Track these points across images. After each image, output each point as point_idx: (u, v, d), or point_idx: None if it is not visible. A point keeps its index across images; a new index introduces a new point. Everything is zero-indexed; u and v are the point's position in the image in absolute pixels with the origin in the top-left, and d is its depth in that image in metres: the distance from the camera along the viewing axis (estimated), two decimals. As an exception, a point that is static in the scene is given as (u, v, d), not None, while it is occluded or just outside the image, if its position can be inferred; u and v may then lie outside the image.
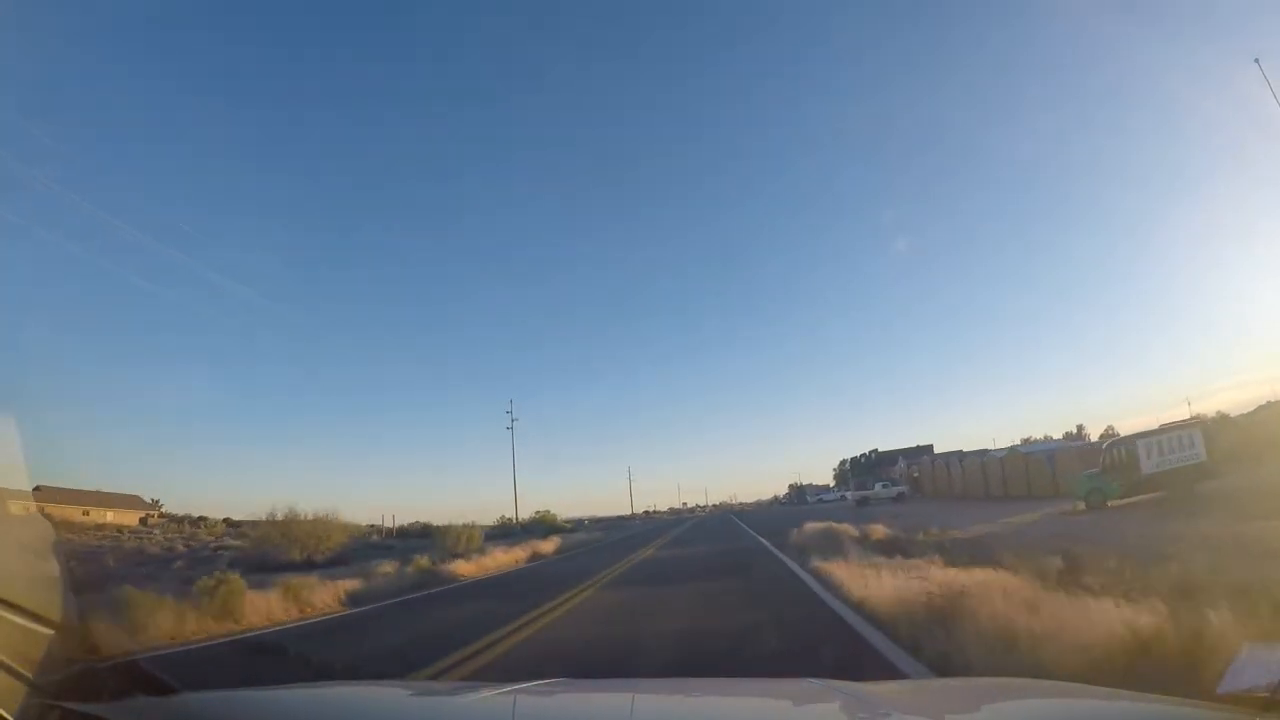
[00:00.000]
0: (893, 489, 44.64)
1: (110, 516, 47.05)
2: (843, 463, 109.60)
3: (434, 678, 4.68)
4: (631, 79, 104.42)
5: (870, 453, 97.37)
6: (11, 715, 1.22)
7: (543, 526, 39.23)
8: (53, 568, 1.72)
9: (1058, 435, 57.89)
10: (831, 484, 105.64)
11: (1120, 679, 2.94)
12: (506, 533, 40.22)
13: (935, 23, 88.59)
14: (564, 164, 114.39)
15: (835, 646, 4.94)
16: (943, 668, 3.96)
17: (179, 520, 47.20)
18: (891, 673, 3.98)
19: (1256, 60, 15.20)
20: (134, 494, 52.88)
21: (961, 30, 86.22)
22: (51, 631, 1.46)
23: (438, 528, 20.79)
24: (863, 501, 43.23)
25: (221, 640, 7.72)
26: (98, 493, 46.65)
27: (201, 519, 47.25)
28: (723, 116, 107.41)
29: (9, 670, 1.28)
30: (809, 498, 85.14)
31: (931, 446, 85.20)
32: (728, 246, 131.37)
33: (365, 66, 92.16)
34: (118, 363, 75.54)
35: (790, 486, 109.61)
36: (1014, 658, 3.63)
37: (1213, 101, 48.21)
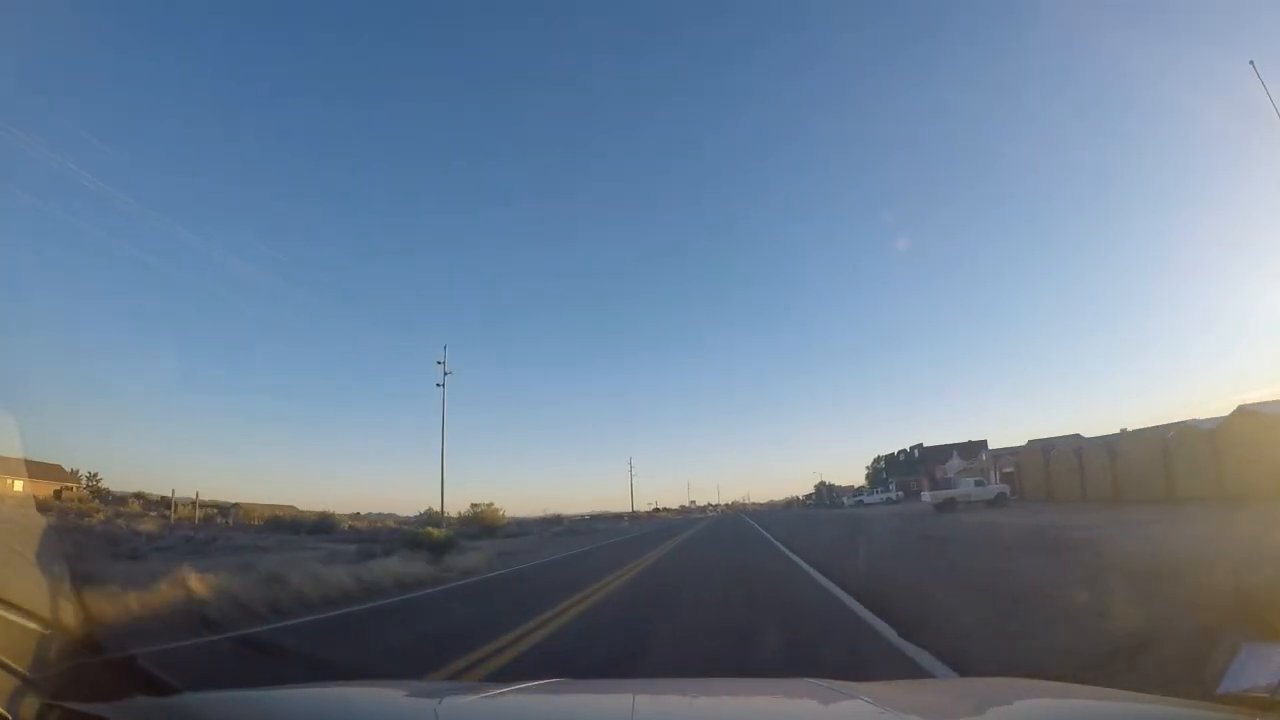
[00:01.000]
0: (989, 489, 30.95)
1: (19, 487, 41.52)
2: (876, 460, 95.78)
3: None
4: (659, 76, 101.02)
5: (913, 449, 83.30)
6: (10, 714, 1.17)
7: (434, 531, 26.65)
8: (51, 563, 1.61)
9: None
10: (860, 483, 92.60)
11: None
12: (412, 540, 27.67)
13: (935, 28, 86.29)
14: (584, 158, 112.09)
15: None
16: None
17: (101, 495, 41.93)
18: None
19: (1251, 62, 13.39)
20: (55, 464, 44.73)
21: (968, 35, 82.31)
22: (50, 629, 1.41)
23: None
24: (946, 505, 29.75)
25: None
26: (9, 460, 39.52)
27: (139, 495, 42.40)
28: (754, 108, 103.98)
29: (7, 669, 1.24)
30: (845, 500, 70.96)
31: (985, 442, 73.87)
32: (747, 241, 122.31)
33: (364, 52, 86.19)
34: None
35: (819, 485, 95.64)
36: None
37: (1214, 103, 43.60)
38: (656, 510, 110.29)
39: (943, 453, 73.17)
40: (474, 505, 33.88)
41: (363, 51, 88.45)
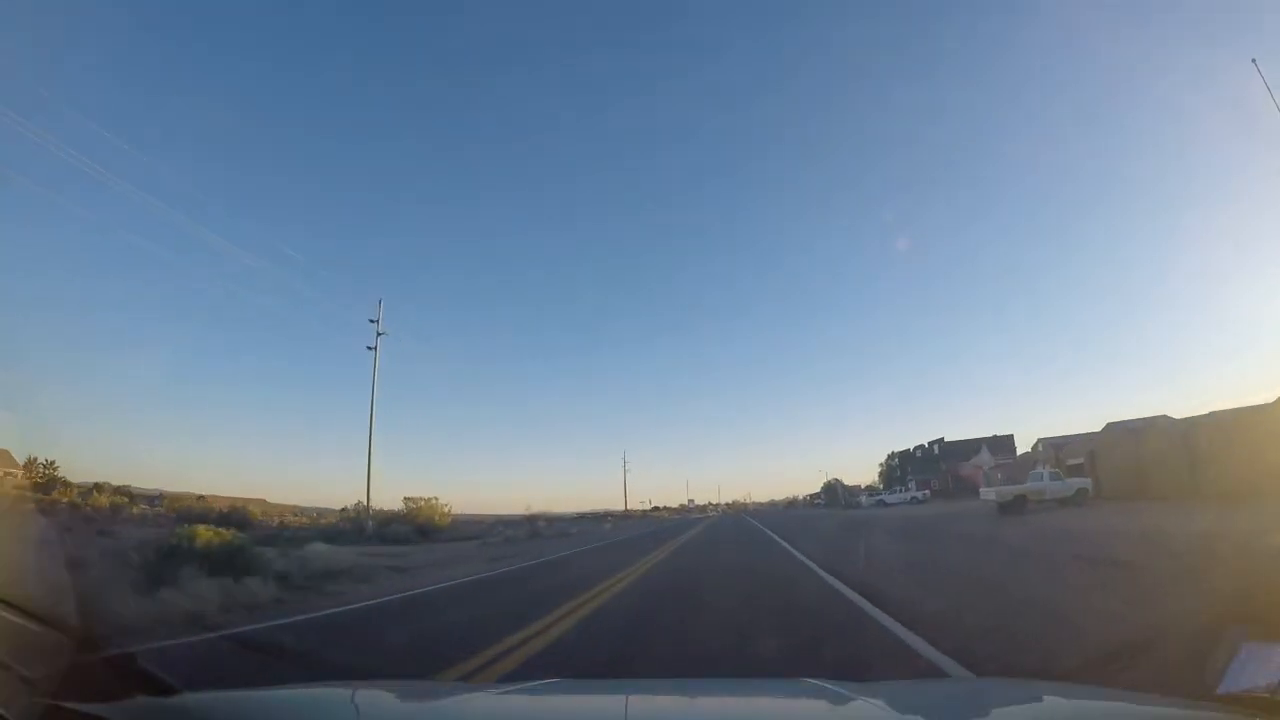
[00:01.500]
0: (1068, 484, 24.51)
1: (-46, 472, 39.47)
2: (890, 457, 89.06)
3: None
4: (656, 70, 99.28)
5: (932, 444, 76.68)
6: (10, 715, 1.16)
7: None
8: (51, 563, 1.60)
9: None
10: (869, 482, 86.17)
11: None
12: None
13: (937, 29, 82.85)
14: (585, 146, 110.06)
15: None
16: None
17: (46, 485, 37.41)
18: None
19: (1253, 60, 13.46)
20: (3, 449, 40.89)
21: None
22: (51, 630, 1.39)
23: None
24: (1014, 505, 23.42)
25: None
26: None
27: (97, 486, 38.95)
28: (763, 98, 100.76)
29: (8, 669, 1.22)
30: (863, 499, 64.44)
31: (1012, 437, 68.06)
32: (749, 231, 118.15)
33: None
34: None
35: (830, 483, 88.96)
36: None
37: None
38: (654, 509, 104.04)
39: (968, 447, 66.71)
40: (407, 499, 27.25)
41: (351, 25, 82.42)
